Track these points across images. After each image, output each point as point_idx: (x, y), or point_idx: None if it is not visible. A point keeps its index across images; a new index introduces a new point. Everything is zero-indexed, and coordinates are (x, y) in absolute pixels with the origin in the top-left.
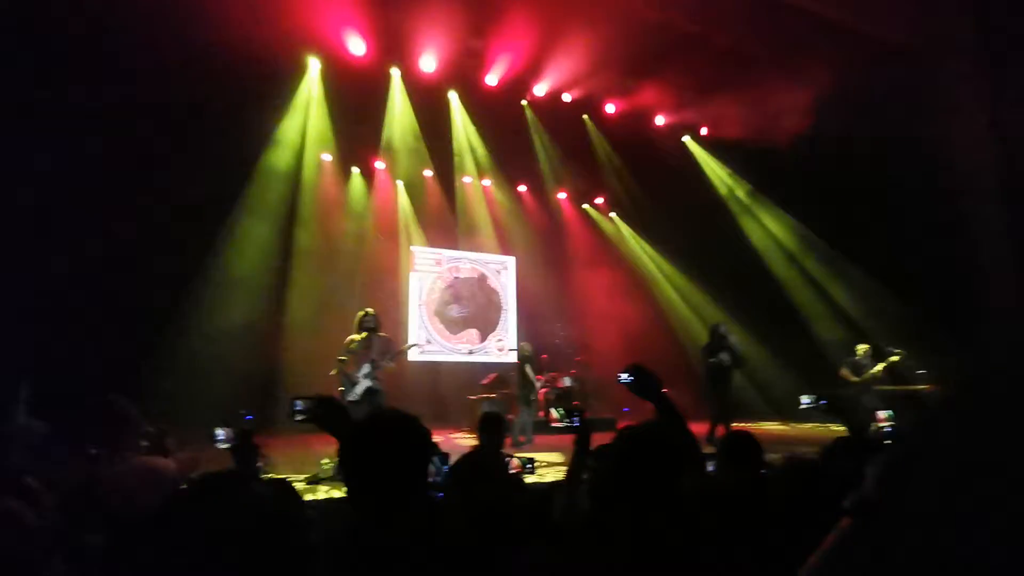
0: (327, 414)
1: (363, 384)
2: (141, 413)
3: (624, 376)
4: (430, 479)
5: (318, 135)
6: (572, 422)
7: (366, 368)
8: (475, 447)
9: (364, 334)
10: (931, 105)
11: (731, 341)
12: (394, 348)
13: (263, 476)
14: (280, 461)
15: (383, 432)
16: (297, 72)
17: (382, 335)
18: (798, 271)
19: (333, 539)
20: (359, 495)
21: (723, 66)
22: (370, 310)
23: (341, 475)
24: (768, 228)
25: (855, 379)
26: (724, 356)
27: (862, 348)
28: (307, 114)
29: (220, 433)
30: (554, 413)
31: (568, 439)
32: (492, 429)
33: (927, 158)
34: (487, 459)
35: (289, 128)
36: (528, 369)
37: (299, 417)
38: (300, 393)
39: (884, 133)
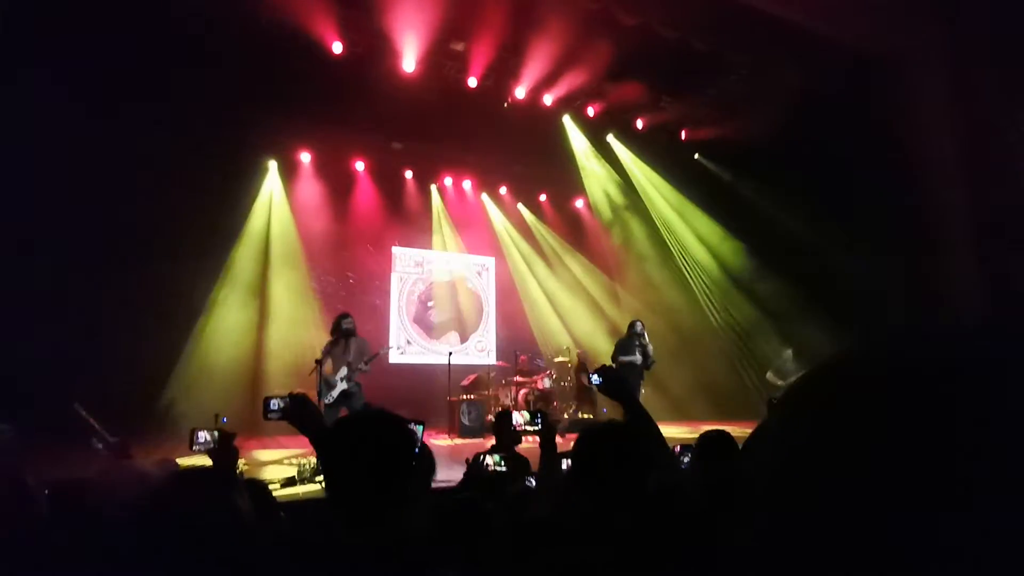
0: (299, 413)
1: (339, 387)
2: (105, 422)
3: (594, 378)
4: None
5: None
6: (535, 424)
7: (343, 371)
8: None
9: (343, 336)
10: (899, 110)
11: (645, 340)
12: (370, 351)
13: (240, 476)
14: (261, 463)
15: (359, 431)
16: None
17: (358, 338)
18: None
19: (306, 539)
20: (335, 495)
21: (698, 69)
22: (347, 313)
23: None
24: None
25: (781, 383)
26: (637, 355)
27: (785, 351)
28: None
29: (200, 436)
30: (516, 417)
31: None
32: (507, 427)
33: (891, 163)
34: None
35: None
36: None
37: (272, 416)
38: (275, 393)
39: (850, 136)
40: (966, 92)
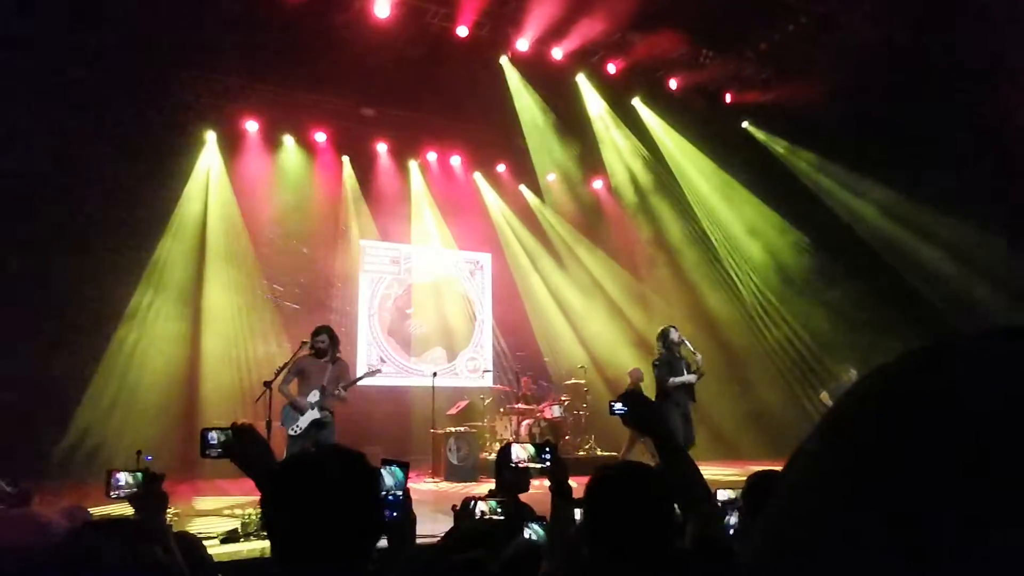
0: (245, 449)
1: (310, 415)
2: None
3: (617, 406)
4: (388, 495)
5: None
6: (542, 460)
7: (315, 395)
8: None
9: (320, 355)
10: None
11: (690, 347)
12: (350, 376)
13: (168, 530)
14: (196, 512)
15: (309, 474)
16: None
17: (339, 359)
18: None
19: None
20: (281, 556)
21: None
22: (327, 327)
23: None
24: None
25: None
26: (687, 371)
27: (846, 371)
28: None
29: (119, 478)
30: (517, 451)
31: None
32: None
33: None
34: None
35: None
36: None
37: (212, 452)
38: (215, 424)
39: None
40: None
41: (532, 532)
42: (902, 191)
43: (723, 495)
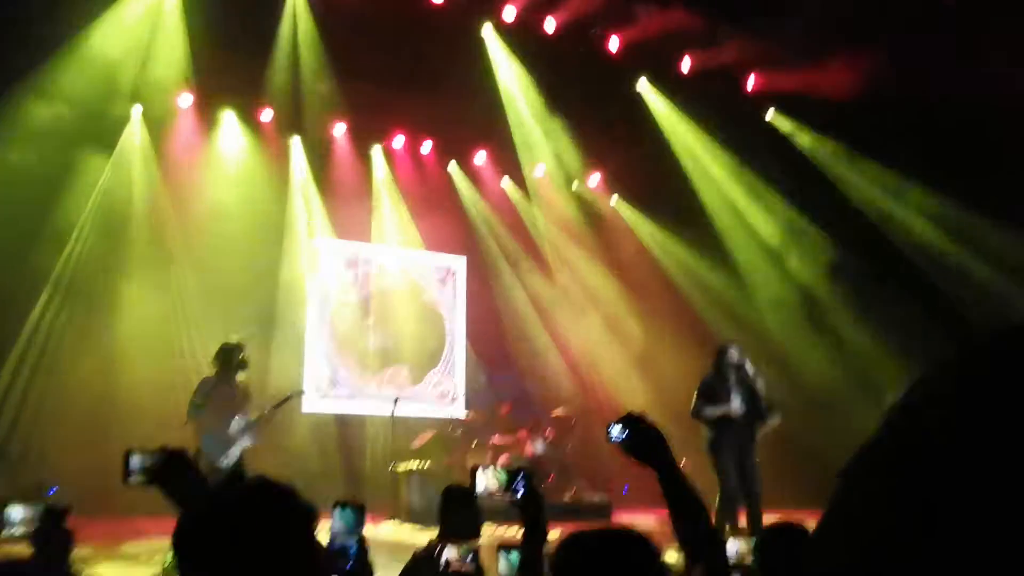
0: (175, 477)
1: (240, 444)
2: None
3: (616, 431)
4: (336, 543)
5: (168, 63)
6: (513, 491)
7: (238, 422)
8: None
9: (233, 374)
10: None
11: (750, 374)
12: (253, 399)
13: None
14: (107, 555)
15: (234, 509)
16: None
17: (240, 379)
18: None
19: None
20: None
21: None
22: (239, 340)
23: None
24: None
25: None
26: (736, 401)
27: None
28: (148, 28)
29: (14, 513)
30: (484, 480)
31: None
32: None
33: None
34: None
35: (113, 44)
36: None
37: (134, 479)
38: (137, 446)
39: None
40: None
41: (506, 560)
42: (953, 194)
43: (732, 547)
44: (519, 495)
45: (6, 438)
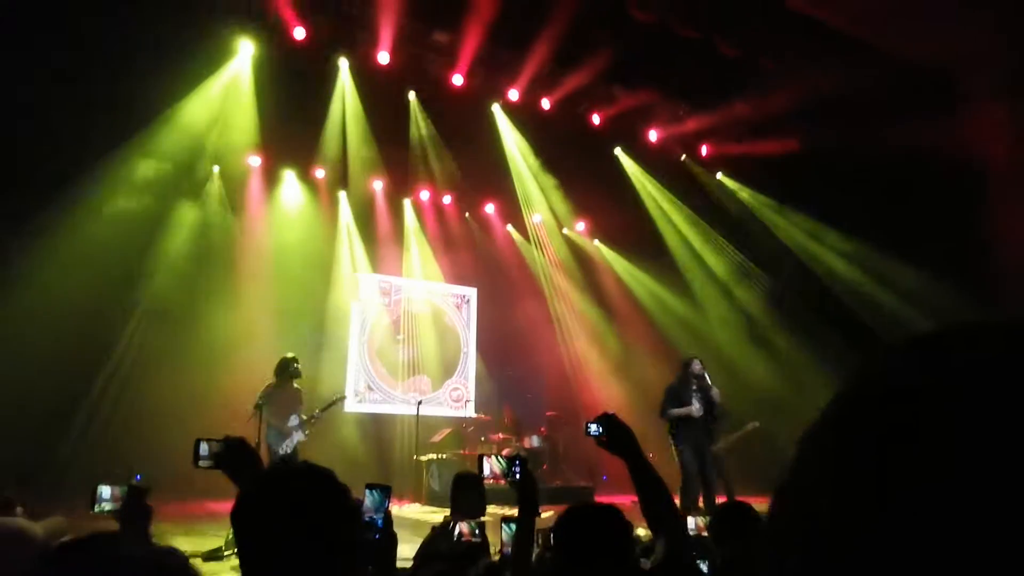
0: (236, 460)
1: (296, 437)
2: None
3: (593, 427)
4: (366, 517)
5: (241, 132)
6: (512, 474)
7: (294, 420)
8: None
9: (290, 381)
10: (957, 120)
11: (707, 382)
12: (304, 402)
13: (152, 545)
14: (183, 531)
15: (278, 492)
16: (220, 52)
17: (296, 386)
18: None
19: None
20: (250, 570)
21: (727, 74)
22: (293, 354)
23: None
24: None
25: None
26: (696, 404)
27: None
28: (226, 105)
29: (104, 491)
30: (490, 465)
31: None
32: (465, 492)
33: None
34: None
35: (196, 117)
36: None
37: (204, 463)
38: (205, 436)
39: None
40: None
41: (507, 530)
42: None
43: (691, 522)
44: (516, 477)
45: (103, 434)
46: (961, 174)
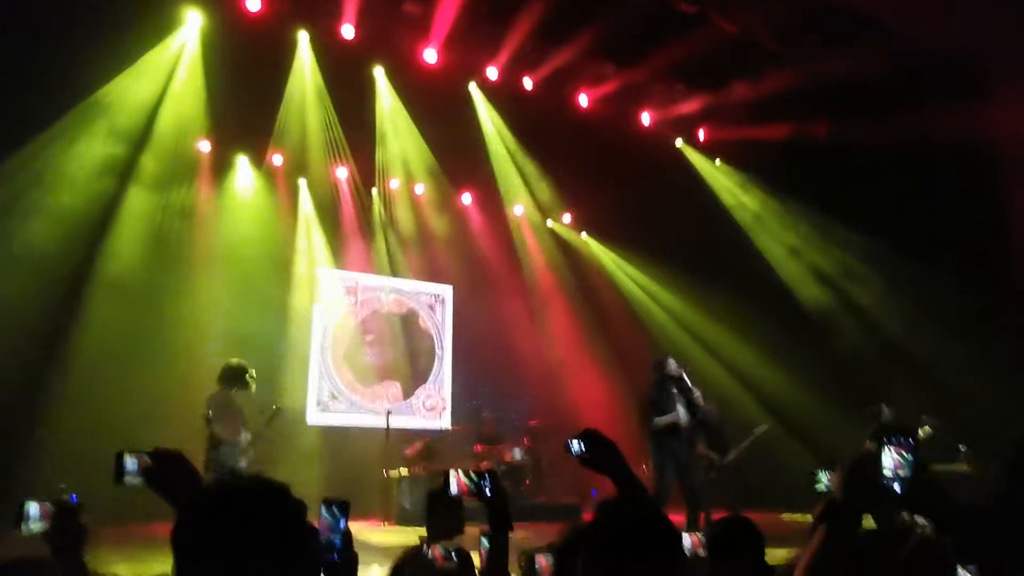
0: (171, 476)
1: (249, 454)
2: None
3: (575, 445)
4: (324, 538)
5: (188, 113)
6: (481, 489)
7: (245, 435)
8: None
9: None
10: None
11: (687, 383)
12: (267, 411)
13: (85, 573)
14: (123, 557)
15: (222, 510)
16: (163, 23)
17: (242, 396)
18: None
19: None
20: None
21: (728, 54)
22: (239, 361)
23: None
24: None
25: None
26: (681, 410)
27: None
28: (170, 83)
29: (32, 509)
30: (453, 481)
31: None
32: (439, 512)
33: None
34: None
35: (136, 95)
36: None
37: (130, 479)
38: (129, 447)
39: (923, 136)
40: None
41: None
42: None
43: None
44: (486, 493)
45: (35, 444)
46: (980, 163)
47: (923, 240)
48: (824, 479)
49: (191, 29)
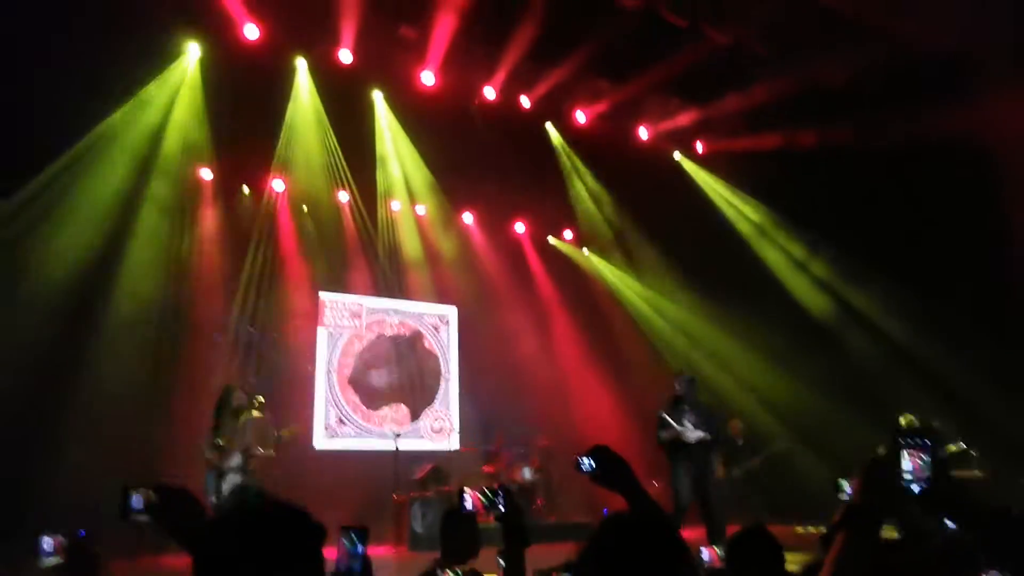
0: (173, 513)
1: (231, 479)
2: None
3: (585, 462)
4: (344, 565)
5: (190, 141)
6: (496, 506)
7: (236, 459)
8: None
9: (243, 414)
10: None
11: (696, 401)
12: (273, 432)
13: None
14: None
15: (240, 534)
16: (165, 54)
17: (257, 416)
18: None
19: None
20: None
21: (721, 65)
22: (233, 386)
23: None
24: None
25: None
26: (688, 426)
27: (904, 420)
28: (171, 113)
29: (46, 543)
30: (468, 499)
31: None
32: (455, 532)
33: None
34: None
35: (138, 126)
36: None
37: (136, 516)
38: (135, 483)
39: (919, 138)
40: None
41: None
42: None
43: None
44: (500, 509)
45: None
46: (973, 166)
47: (920, 245)
48: (847, 487)
49: (191, 60)
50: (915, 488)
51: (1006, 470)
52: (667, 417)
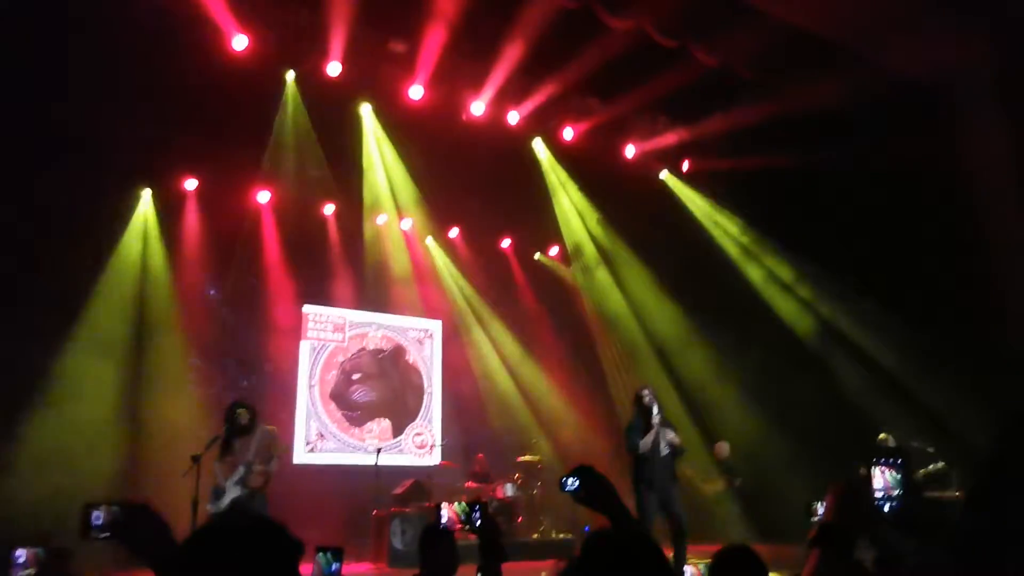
0: (135, 531)
1: (231, 493)
2: None
3: (569, 482)
4: None
5: (175, 150)
6: (472, 521)
7: (238, 472)
8: None
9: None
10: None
11: (661, 414)
12: (280, 445)
13: None
14: None
15: (227, 548)
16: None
17: (269, 428)
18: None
19: None
20: None
21: (708, 86)
22: (242, 403)
23: None
24: (775, 272)
25: None
26: (649, 439)
27: (883, 436)
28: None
29: (19, 555)
30: (445, 513)
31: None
32: (434, 548)
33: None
34: None
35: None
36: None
37: (97, 534)
38: (97, 500)
39: (895, 161)
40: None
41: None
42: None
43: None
44: (477, 523)
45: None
46: (952, 189)
47: (906, 267)
48: (820, 509)
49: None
50: (886, 507)
51: None
52: (636, 431)
